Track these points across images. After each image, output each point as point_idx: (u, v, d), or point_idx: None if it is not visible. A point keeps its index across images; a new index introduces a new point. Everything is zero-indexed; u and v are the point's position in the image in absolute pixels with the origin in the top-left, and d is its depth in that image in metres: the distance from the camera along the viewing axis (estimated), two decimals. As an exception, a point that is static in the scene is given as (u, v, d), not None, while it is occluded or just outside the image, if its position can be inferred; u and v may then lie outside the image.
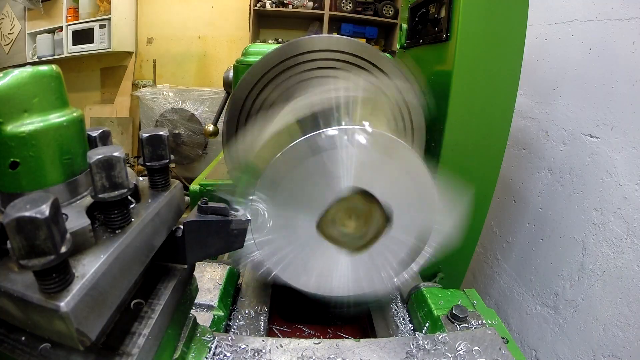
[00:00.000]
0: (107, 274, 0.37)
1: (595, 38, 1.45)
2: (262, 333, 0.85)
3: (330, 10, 4.11)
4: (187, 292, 0.61)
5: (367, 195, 0.65)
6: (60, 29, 4.09)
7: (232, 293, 0.94)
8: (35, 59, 4.17)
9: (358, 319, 1.06)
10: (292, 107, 0.75)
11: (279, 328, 0.98)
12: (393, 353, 0.69)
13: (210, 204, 0.57)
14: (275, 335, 0.96)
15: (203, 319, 0.77)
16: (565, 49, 1.60)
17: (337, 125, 0.62)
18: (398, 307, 0.98)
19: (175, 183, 0.54)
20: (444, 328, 0.79)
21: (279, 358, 0.66)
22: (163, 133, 0.50)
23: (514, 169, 1.90)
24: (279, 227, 0.66)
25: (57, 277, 0.32)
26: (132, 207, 0.45)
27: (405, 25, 1.55)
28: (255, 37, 4.35)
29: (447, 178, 0.67)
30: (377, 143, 0.63)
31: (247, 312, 0.90)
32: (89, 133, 0.49)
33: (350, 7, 4.15)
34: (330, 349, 0.69)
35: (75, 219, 0.39)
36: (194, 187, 1.38)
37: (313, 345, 0.69)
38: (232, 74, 1.33)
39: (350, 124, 0.62)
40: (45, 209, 0.29)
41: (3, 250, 0.35)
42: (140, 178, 0.53)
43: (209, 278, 0.91)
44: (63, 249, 0.31)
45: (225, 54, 4.59)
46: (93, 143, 0.49)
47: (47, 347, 0.40)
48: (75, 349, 0.40)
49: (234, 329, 0.85)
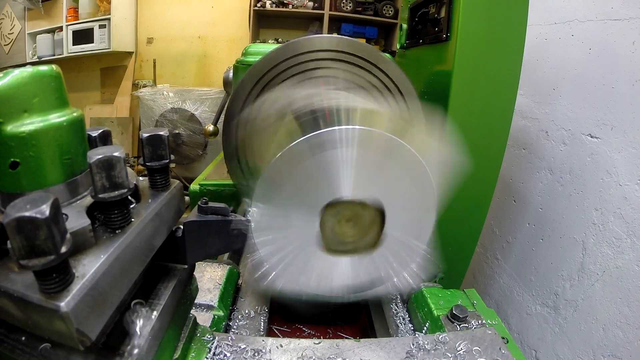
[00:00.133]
0: (107, 274, 0.37)
1: (595, 38, 1.45)
2: (262, 333, 0.85)
3: (330, 10, 4.11)
4: (187, 292, 0.61)
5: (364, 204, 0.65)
6: (60, 29, 4.09)
7: (232, 293, 0.94)
8: (35, 59, 4.18)
9: (358, 319, 1.06)
10: (291, 107, 0.75)
11: (279, 328, 0.98)
12: (393, 353, 0.69)
13: (210, 204, 0.57)
14: (275, 335, 0.96)
15: (203, 319, 0.77)
16: (565, 49, 1.60)
17: (337, 126, 0.62)
18: (398, 307, 0.98)
19: (175, 183, 0.54)
20: (444, 328, 0.79)
21: (279, 358, 0.66)
22: (163, 133, 0.49)
23: (514, 169, 1.90)
24: (279, 227, 0.66)
25: (57, 277, 0.32)
26: (132, 207, 0.45)
27: (405, 25, 1.55)
28: (255, 37, 4.35)
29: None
30: (377, 143, 0.63)
31: (247, 312, 0.90)
32: (89, 133, 0.49)
33: (350, 7, 4.15)
34: (330, 349, 0.69)
35: (76, 219, 0.39)
36: (194, 187, 1.38)
37: (313, 345, 0.69)
38: (232, 74, 1.33)
39: (350, 124, 0.62)
40: (46, 209, 0.29)
41: (3, 250, 0.35)
42: (141, 178, 0.53)
43: (209, 278, 0.91)
44: (63, 249, 0.31)
45: (225, 54, 4.59)
46: (93, 143, 0.49)
47: (47, 347, 0.40)
48: (75, 349, 0.40)
49: (234, 329, 0.85)
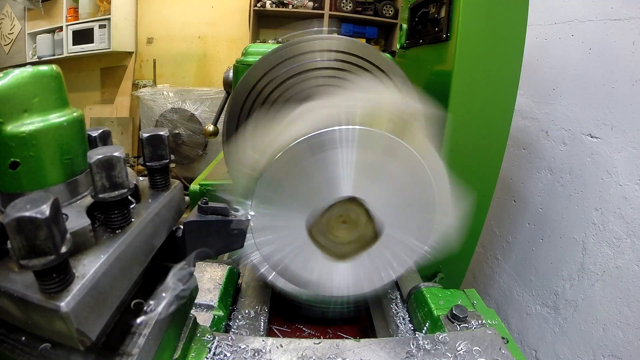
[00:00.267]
0: (107, 274, 0.37)
1: (595, 38, 1.45)
2: (262, 333, 0.85)
3: (330, 10, 4.11)
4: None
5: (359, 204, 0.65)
6: (60, 29, 4.09)
7: (232, 293, 0.94)
8: (35, 59, 4.17)
9: (358, 319, 1.06)
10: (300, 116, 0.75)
11: (279, 328, 0.98)
12: (393, 353, 0.69)
13: (211, 204, 0.57)
14: (275, 335, 0.96)
15: (203, 319, 0.77)
16: (565, 49, 1.60)
17: (337, 126, 0.62)
18: (398, 307, 0.98)
19: (176, 183, 0.54)
20: (444, 328, 0.79)
21: (279, 358, 0.66)
22: (163, 133, 0.50)
23: (514, 169, 1.90)
24: (279, 227, 0.66)
25: (57, 277, 0.32)
26: (132, 207, 0.45)
27: (405, 25, 1.55)
28: (255, 37, 4.35)
29: (450, 177, 0.67)
30: (377, 143, 0.63)
31: (247, 312, 0.90)
32: (89, 133, 0.49)
33: (350, 7, 4.15)
34: (331, 349, 0.69)
35: (76, 219, 0.39)
36: (194, 187, 1.38)
37: (313, 345, 0.69)
38: (232, 74, 1.33)
39: (351, 124, 0.62)
40: (46, 209, 0.29)
41: (3, 250, 0.35)
42: (141, 178, 0.53)
43: (209, 278, 0.91)
44: (63, 249, 0.31)
45: (225, 54, 4.59)
46: (93, 143, 0.49)
47: (47, 347, 0.40)
48: (76, 349, 0.40)
49: (234, 329, 0.85)
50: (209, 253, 0.57)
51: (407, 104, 0.67)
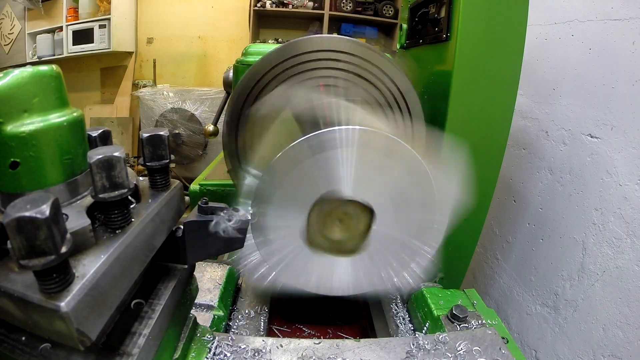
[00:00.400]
0: (107, 274, 0.37)
1: (595, 38, 1.45)
2: (262, 333, 0.85)
3: (330, 10, 4.11)
4: (187, 292, 0.61)
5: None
6: (60, 29, 4.09)
7: (232, 293, 0.94)
8: (35, 59, 4.17)
9: (358, 319, 1.06)
10: (292, 109, 0.75)
11: (279, 328, 0.98)
12: (393, 353, 0.69)
13: (211, 204, 0.57)
14: (275, 335, 0.96)
15: (203, 319, 0.77)
16: (565, 49, 1.60)
17: (337, 126, 0.62)
18: (398, 307, 0.98)
19: (176, 183, 0.54)
20: (444, 328, 0.79)
21: (279, 358, 0.66)
22: (163, 133, 0.50)
23: (514, 169, 1.90)
24: (279, 227, 0.66)
25: (57, 277, 0.32)
26: (132, 207, 0.45)
27: (405, 25, 1.55)
28: (255, 37, 4.35)
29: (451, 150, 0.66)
30: (377, 143, 0.63)
31: (247, 312, 0.90)
32: (89, 133, 0.49)
33: (350, 7, 4.15)
34: (331, 349, 0.69)
35: (76, 219, 0.39)
36: (194, 187, 1.38)
37: (313, 345, 0.69)
38: (232, 74, 1.33)
39: (351, 124, 0.62)
40: (46, 209, 0.29)
41: (3, 250, 0.35)
42: (141, 178, 0.53)
43: (209, 278, 0.91)
44: (63, 249, 0.31)
45: (225, 54, 4.59)
46: (93, 143, 0.49)
47: (47, 347, 0.40)
48: (76, 349, 0.40)
49: (234, 329, 0.85)
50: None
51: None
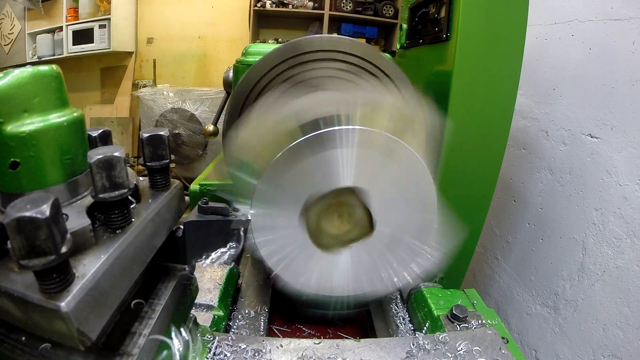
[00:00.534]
0: (107, 274, 0.37)
1: (595, 38, 1.45)
2: (262, 333, 0.85)
3: (330, 10, 4.11)
4: (187, 292, 0.61)
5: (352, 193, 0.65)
6: (60, 29, 4.09)
7: (232, 293, 0.94)
8: (35, 59, 4.17)
9: (358, 319, 1.06)
10: (291, 107, 0.75)
11: (279, 328, 0.98)
12: (393, 353, 0.69)
13: (211, 204, 0.57)
14: (275, 335, 0.96)
15: (203, 319, 0.77)
16: (565, 49, 1.60)
17: (337, 126, 0.62)
18: (398, 307, 0.98)
19: (176, 183, 0.54)
20: (444, 328, 0.79)
21: (279, 358, 0.66)
22: (163, 133, 0.49)
23: (514, 169, 1.90)
24: (279, 227, 0.66)
25: (57, 277, 0.32)
26: (132, 207, 0.45)
27: (405, 25, 1.55)
28: (255, 37, 4.35)
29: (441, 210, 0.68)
30: (377, 143, 0.63)
31: (247, 312, 0.90)
32: (89, 133, 0.49)
33: (350, 7, 4.15)
34: (331, 349, 0.69)
35: (76, 219, 0.39)
36: (194, 187, 1.38)
37: (313, 345, 0.69)
38: (232, 74, 1.33)
39: (351, 124, 0.62)
40: (46, 209, 0.29)
41: (3, 250, 0.35)
42: (141, 178, 0.53)
43: (209, 278, 0.91)
44: (63, 249, 0.31)
45: (225, 54, 4.58)
46: (93, 143, 0.49)
47: (47, 347, 0.40)
48: (76, 349, 0.40)
49: (234, 329, 0.85)
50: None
51: (407, 105, 0.67)
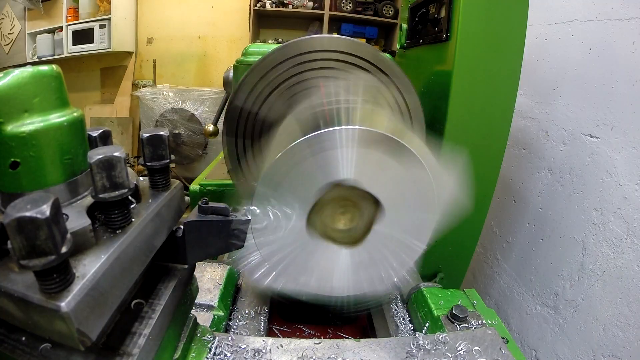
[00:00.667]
0: (107, 274, 0.37)
1: (595, 38, 1.45)
2: (262, 333, 0.85)
3: (330, 10, 4.11)
4: (187, 292, 0.61)
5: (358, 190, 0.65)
6: (60, 29, 4.09)
7: (232, 293, 0.94)
8: (35, 59, 4.17)
9: (358, 319, 1.06)
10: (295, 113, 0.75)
11: (279, 328, 0.98)
12: (393, 353, 0.69)
13: (211, 204, 0.57)
14: (275, 335, 0.96)
15: (203, 319, 0.77)
16: (565, 49, 1.60)
17: (337, 126, 0.62)
18: (398, 307, 0.98)
19: (176, 183, 0.54)
20: (444, 328, 0.79)
21: (279, 358, 0.66)
22: (163, 133, 0.49)
23: (514, 169, 1.90)
24: (280, 227, 0.66)
25: (57, 277, 0.32)
26: (132, 207, 0.45)
27: (405, 25, 1.55)
28: (255, 37, 4.35)
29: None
30: (377, 143, 0.63)
31: (247, 312, 0.90)
32: (89, 133, 0.49)
33: (350, 7, 4.15)
34: (331, 349, 0.69)
35: (76, 219, 0.39)
36: (194, 187, 1.38)
37: (313, 345, 0.69)
38: (232, 74, 1.33)
39: (351, 125, 0.62)
40: (46, 209, 0.29)
41: (3, 250, 0.35)
42: (141, 178, 0.53)
43: (209, 278, 0.91)
44: (64, 249, 0.31)
45: (225, 54, 4.59)
46: (93, 143, 0.49)
47: (47, 347, 0.40)
48: (76, 349, 0.40)
49: (234, 329, 0.85)
50: None
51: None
